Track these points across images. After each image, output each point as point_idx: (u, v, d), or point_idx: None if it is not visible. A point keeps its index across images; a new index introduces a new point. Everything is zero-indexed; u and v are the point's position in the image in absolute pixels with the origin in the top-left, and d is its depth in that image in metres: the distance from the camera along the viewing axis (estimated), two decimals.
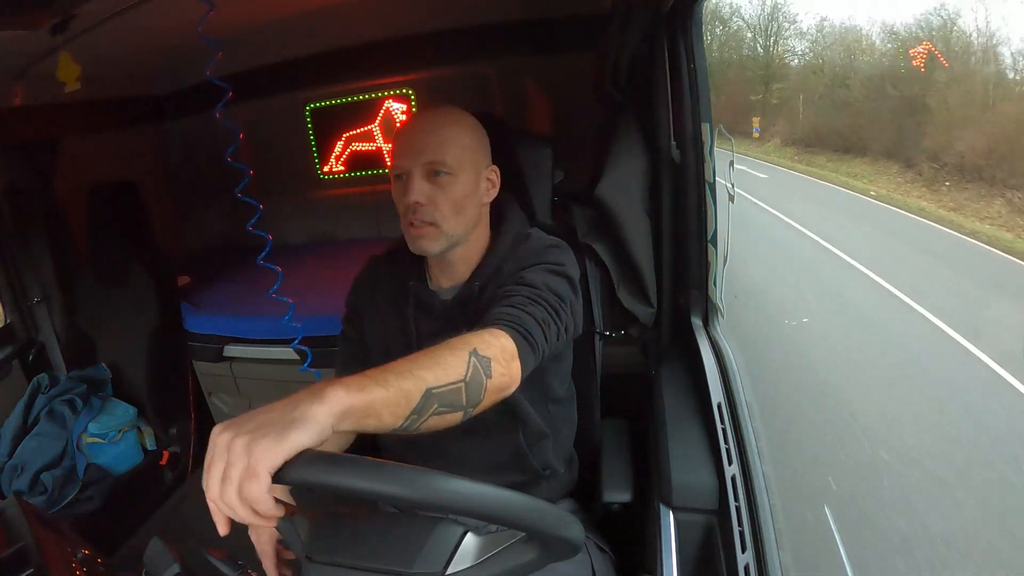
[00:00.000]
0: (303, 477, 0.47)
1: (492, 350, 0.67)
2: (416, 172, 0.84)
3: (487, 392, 0.65)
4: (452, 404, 0.61)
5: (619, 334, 1.28)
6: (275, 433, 0.47)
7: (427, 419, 0.59)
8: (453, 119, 0.88)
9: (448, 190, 0.85)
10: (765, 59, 12.54)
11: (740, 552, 0.79)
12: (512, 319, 0.74)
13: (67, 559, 0.74)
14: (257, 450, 0.46)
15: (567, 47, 1.83)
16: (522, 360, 0.71)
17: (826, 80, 11.15)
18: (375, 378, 0.56)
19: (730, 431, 0.95)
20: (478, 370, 0.64)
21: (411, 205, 0.85)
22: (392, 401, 0.55)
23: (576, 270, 0.89)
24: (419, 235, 0.86)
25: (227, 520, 0.50)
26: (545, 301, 0.79)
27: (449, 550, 0.57)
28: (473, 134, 0.90)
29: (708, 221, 1.18)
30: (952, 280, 5.86)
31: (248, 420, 0.49)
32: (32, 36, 1.15)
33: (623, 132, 1.22)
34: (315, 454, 0.48)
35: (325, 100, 2.16)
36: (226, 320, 1.91)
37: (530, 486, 0.97)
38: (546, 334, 0.77)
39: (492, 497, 0.51)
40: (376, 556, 0.58)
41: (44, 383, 1.80)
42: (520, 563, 0.57)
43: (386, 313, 0.97)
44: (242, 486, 0.46)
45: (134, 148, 2.13)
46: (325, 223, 2.39)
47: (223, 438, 0.48)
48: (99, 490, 1.69)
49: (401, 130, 0.89)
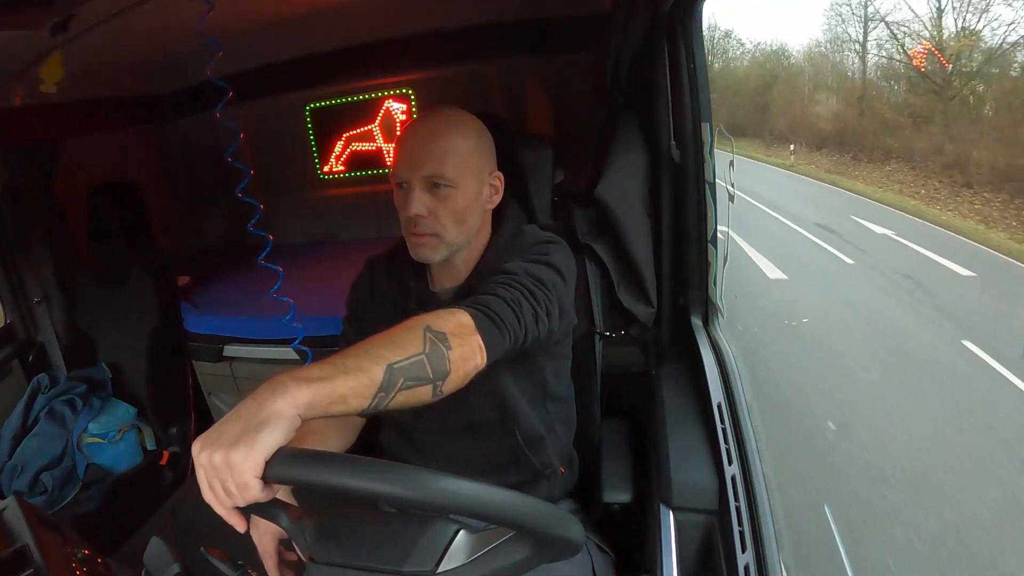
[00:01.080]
0: (283, 475, 0.49)
1: (447, 325, 0.66)
2: (416, 184, 0.83)
3: (452, 364, 0.64)
4: (418, 377, 0.61)
5: (619, 334, 1.28)
6: (246, 442, 0.49)
7: (395, 395, 0.59)
8: (454, 127, 0.86)
9: (449, 202, 0.84)
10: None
11: (740, 552, 0.79)
12: (473, 301, 0.73)
13: (67, 559, 0.74)
14: (236, 462, 0.49)
15: (567, 47, 1.83)
16: (484, 334, 0.69)
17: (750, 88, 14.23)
18: (334, 363, 0.56)
19: (730, 431, 0.95)
20: (435, 344, 0.63)
21: (412, 217, 0.84)
22: (355, 383, 0.56)
23: (568, 263, 0.88)
24: (420, 244, 0.86)
25: (242, 519, 0.54)
26: (519, 284, 0.78)
27: (441, 548, 0.57)
28: (476, 141, 0.87)
29: (708, 221, 1.18)
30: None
31: (219, 434, 0.51)
32: (32, 36, 1.15)
33: (623, 132, 1.22)
34: (291, 451, 0.50)
35: (325, 100, 2.16)
36: (226, 320, 1.91)
37: (530, 486, 0.97)
38: (517, 313, 0.75)
39: (490, 497, 0.51)
40: (371, 555, 0.58)
41: (44, 383, 1.79)
42: (512, 561, 0.57)
43: (387, 314, 0.96)
44: (242, 496, 0.50)
45: (134, 148, 2.13)
46: (325, 223, 2.39)
47: (203, 457, 0.51)
48: (99, 490, 1.69)
49: (402, 136, 0.87)
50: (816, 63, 11.37)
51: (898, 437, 3.44)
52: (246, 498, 0.50)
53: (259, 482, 0.50)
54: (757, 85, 13.66)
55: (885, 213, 7.24)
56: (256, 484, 0.50)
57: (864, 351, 4.75)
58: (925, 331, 5.14)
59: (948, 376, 4.33)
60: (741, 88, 14.28)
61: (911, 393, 4.03)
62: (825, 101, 10.25)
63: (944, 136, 6.76)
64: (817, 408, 3.78)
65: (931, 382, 4.22)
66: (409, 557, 0.57)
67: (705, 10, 1.08)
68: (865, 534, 2.69)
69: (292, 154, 2.26)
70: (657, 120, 1.18)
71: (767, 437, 3.15)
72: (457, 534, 0.57)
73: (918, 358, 4.62)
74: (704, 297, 1.23)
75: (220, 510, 0.53)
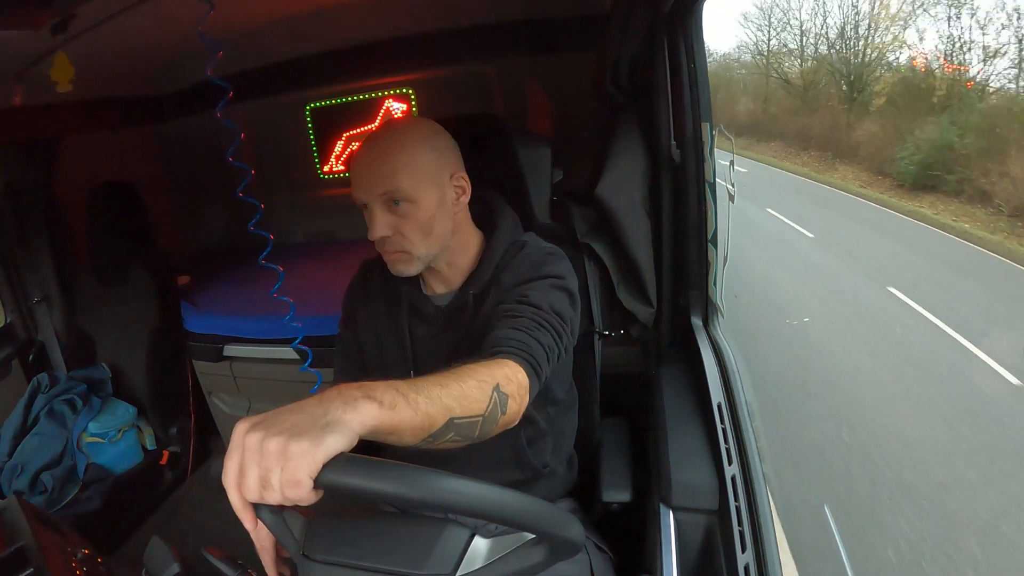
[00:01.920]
0: (339, 482, 0.46)
1: (512, 387, 0.67)
2: (374, 205, 0.82)
3: (497, 427, 0.66)
4: (466, 435, 0.62)
5: (619, 334, 1.27)
6: (311, 437, 0.46)
7: (439, 444, 0.61)
8: (402, 142, 0.83)
9: (411, 217, 0.83)
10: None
11: (740, 552, 0.79)
12: (523, 348, 0.74)
13: (67, 559, 0.74)
14: (295, 454, 0.45)
15: (567, 47, 1.83)
16: (530, 393, 0.72)
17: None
18: (406, 396, 0.55)
19: (730, 431, 0.95)
20: (497, 406, 0.64)
21: (376, 240, 0.84)
22: (417, 425, 0.55)
23: (575, 279, 0.88)
24: (393, 261, 0.86)
25: (253, 515, 0.51)
26: (550, 325, 0.79)
27: (458, 553, 0.57)
28: (427, 151, 0.84)
29: (708, 221, 1.18)
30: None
31: (278, 420, 0.48)
32: (32, 36, 1.15)
33: (623, 132, 1.22)
34: (348, 458, 0.47)
35: (325, 100, 2.17)
36: (226, 320, 1.91)
37: (529, 485, 0.97)
38: (550, 359, 0.77)
39: (499, 499, 0.51)
40: (381, 556, 0.58)
41: (44, 383, 1.80)
42: (527, 565, 0.57)
43: (380, 317, 0.97)
44: (284, 493, 0.46)
45: (134, 148, 2.13)
46: (325, 223, 2.39)
47: (253, 438, 0.47)
48: (99, 490, 1.69)
49: (354, 159, 0.85)
50: (750, 71, 15.38)
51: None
52: (289, 495, 0.46)
53: (311, 483, 0.46)
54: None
55: (757, 165, 12.64)
56: (308, 484, 0.46)
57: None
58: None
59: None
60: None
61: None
62: (745, 102, 14.93)
63: (800, 123, 12.76)
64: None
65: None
66: (427, 561, 0.57)
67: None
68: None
69: (292, 154, 2.26)
70: (657, 120, 1.18)
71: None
72: (472, 538, 0.58)
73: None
74: (704, 297, 1.23)
75: (237, 500, 0.48)
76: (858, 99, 11.46)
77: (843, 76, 11.89)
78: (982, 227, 7.49)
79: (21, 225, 1.78)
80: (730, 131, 1.13)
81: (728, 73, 15.34)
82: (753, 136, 13.90)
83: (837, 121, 11.64)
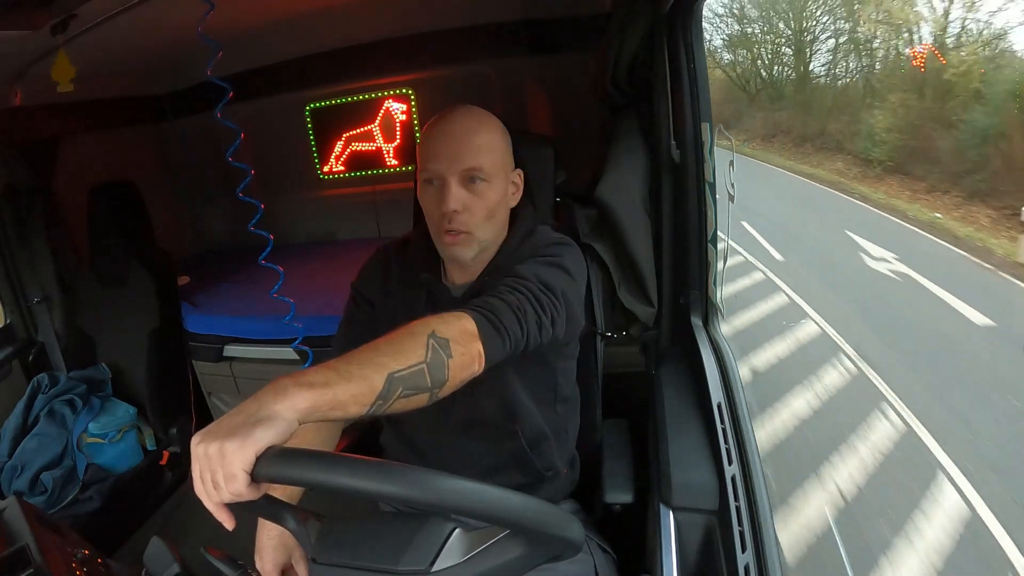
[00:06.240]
0: (273, 473, 0.50)
1: (451, 331, 0.66)
2: (452, 179, 0.82)
3: (451, 372, 0.64)
4: (416, 386, 0.61)
5: (620, 334, 1.27)
6: (241, 435, 0.50)
7: (393, 402, 0.60)
8: (487, 123, 0.86)
9: (483, 197, 0.84)
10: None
11: (740, 552, 0.79)
12: (480, 304, 0.73)
13: (67, 559, 0.74)
14: (228, 451, 0.50)
15: (567, 47, 1.84)
16: (485, 341, 0.69)
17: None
18: (337, 369, 0.57)
19: (730, 431, 0.95)
20: (438, 351, 0.63)
21: (448, 213, 0.83)
22: (356, 391, 0.56)
23: (579, 264, 0.88)
24: (454, 242, 0.85)
25: (230, 515, 0.54)
26: (527, 290, 0.77)
27: (436, 546, 0.57)
28: (504, 138, 0.88)
29: (708, 221, 1.18)
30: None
31: (220, 426, 0.52)
32: (32, 36, 1.15)
33: (623, 132, 1.22)
34: (279, 450, 0.51)
35: (325, 100, 2.17)
36: (226, 320, 1.91)
37: (532, 488, 0.97)
38: (521, 320, 0.74)
39: (487, 495, 0.51)
40: (368, 555, 0.58)
41: (44, 383, 1.79)
42: (508, 559, 0.57)
43: (396, 303, 0.96)
44: (227, 488, 0.51)
45: (134, 148, 2.13)
46: (325, 223, 2.39)
47: (200, 448, 0.52)
48: (99, 490, 1.69)
49: (431, 132, 0.85)
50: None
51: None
52: (231, 490, 0.51)
53: (246, 476, 0.50)
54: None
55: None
56: (243, 477, 0.50)
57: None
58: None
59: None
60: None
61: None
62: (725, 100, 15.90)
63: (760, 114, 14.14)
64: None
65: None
66: (404, 556, 0.57)
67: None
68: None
69: (292, 154, 2.26)
70: (657, 120, 1.18)
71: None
72: (452, 532, 0.57)
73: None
74: (704, 297, 1.23)
75: (209, 504, 0.53)
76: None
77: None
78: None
79: (21, 225, 1.78)
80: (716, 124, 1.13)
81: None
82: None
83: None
